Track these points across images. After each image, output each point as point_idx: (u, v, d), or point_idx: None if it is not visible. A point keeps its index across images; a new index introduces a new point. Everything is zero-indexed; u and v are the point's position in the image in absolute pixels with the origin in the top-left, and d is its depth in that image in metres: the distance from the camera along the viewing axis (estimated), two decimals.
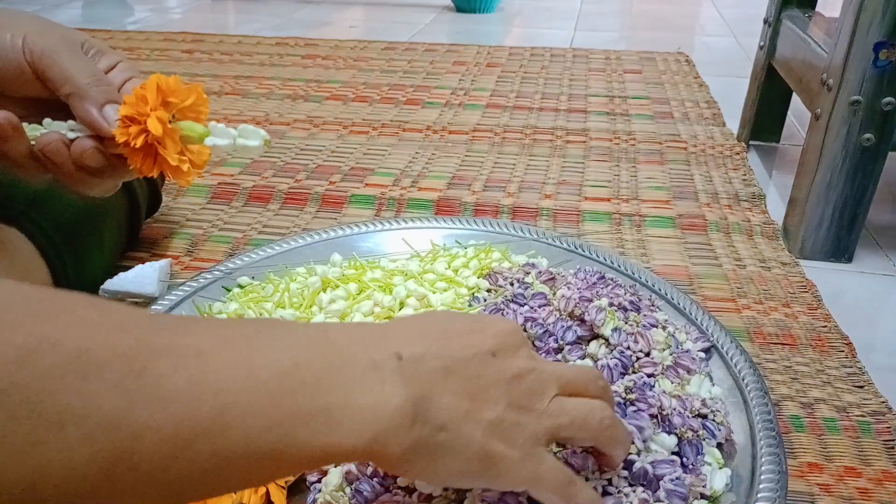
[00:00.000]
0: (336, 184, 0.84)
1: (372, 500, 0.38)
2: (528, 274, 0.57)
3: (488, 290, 0.56)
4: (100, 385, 0.21)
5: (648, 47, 1.50)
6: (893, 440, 0.48)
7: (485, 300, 0.55)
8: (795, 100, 0.92)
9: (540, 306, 0.52)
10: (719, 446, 0.43)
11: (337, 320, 0.53)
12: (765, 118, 1.01)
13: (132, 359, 0.22)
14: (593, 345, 0.49)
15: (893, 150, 0.68)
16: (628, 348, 0.48)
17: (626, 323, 0.50)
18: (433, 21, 1.76)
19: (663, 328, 0.51)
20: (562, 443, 0.39)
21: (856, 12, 0.64)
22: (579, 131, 1.03)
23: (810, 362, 0.56)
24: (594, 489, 0.37)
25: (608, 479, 0.38)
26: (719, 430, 0.43)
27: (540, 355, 0.45)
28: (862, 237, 0.72)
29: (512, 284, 0.55)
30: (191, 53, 1.39)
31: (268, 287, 0.58)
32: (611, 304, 0.51)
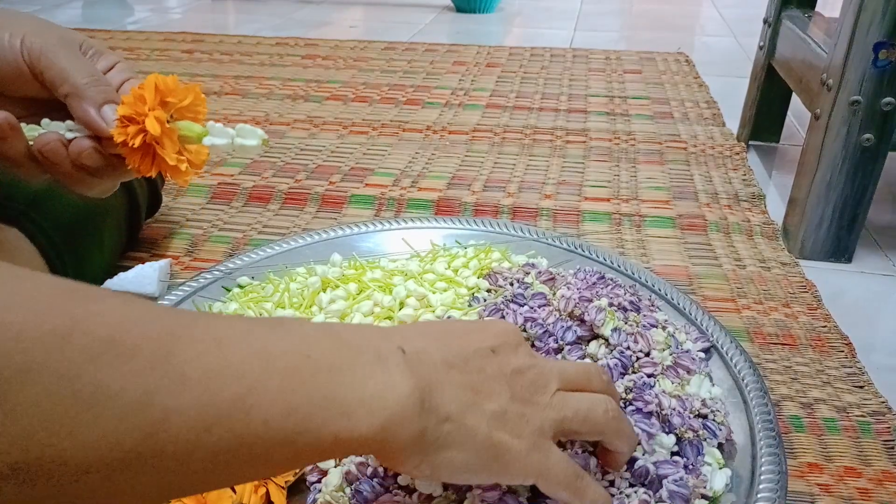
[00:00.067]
0: (336, 184, 0.84)
1: (372, 500, 0.38)
2: (528, 274, 0.56)
3: (488, 290, 0.56)
4: (129, 368, 0.22)
5: (648, 47, 1.50)
6: (893, 440, 0.48)
7: (485, 300, 0.55)
8: (795, 100, 0.92)
9: (540, 306, 0.52)
10: (719, 446, 0.43)
11: (337, 320, 0.53)
12: (765, 118, 1.01)
13: (158, 344, 0.23)
14: (593, 345, 0.49)
15: (893, 150, 0.68)
16: (628, 348, 0.48)
17: (626, 323, 0.50)
18: (433, 21, 1.76)
19: (663, 328, 0.51)
20: (563, 443, 0.39)
21: (856, 12, 0.64)
22: (579, 131, 1.03)
23: (810, 362, 0.56)
24: None
25: (610, 481, 0.38)
26: (720, 430, 0.43)
27: (540, 355, 0.45)
28: (862, 237, 0.72)
29: (512, 284, 0.55)
30: (191, 53, 1.39)
31: (268, 287, 0.58)
32: (611, 304, 0.51)
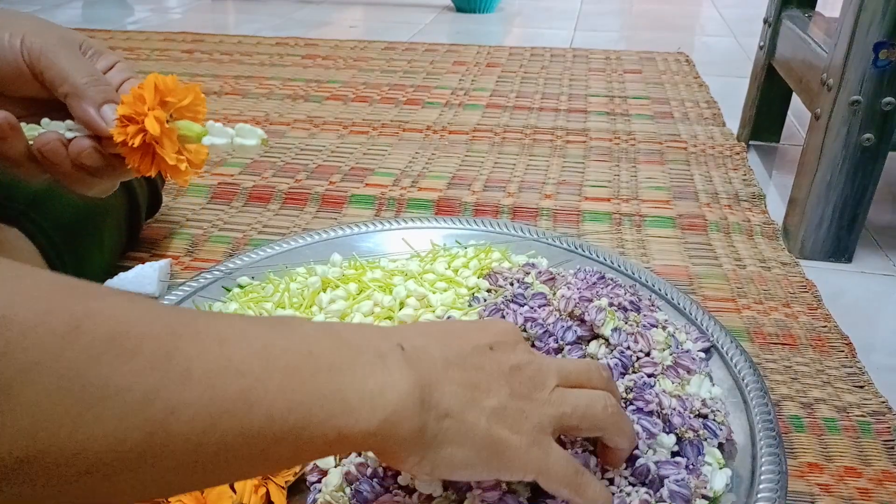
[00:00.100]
0: (336, 184, 0.84)
1: (372, 500, 0.38)
2: (528, 274, 0.56)
3: (488, 290, 0.56)
4: (134, 364, 0.23)
5: (648, 47, 1.50)
6: (893, 440, 0.48)
7: (485, 300, 0.55)
8: (795, 100, 0.92)
9: (540, 306, 0.52)
10: (720, 446, 0.43)
11: (337, 320, 0.53)
12: (765, 118, 1.01)
13: (160, 343, 0.24)
14: (593, 345, 0.49)
15: (893, 150, 0.68)
16: (628, 348, 0.48)
17: (626, 323, 0.50)
18: (433, 21, 1.76)
19: (663, 328, 0.51)
20: (564, 442, 0.39)
21: (856, 12, 0.64)
22: (579, 131, 1.03)
23: (810, 362, 0.56)
24: None
25: (609, 479, 0.38)
26: (720, 430, 0.43)
27: (539, 353, 0.45)
28: (862, 237, 0.72)
29: (512, 284, 0.55)
30: (191, 53, 1.39)
31: (268, 287, 0.58)
32: (611, 304, 0.51)
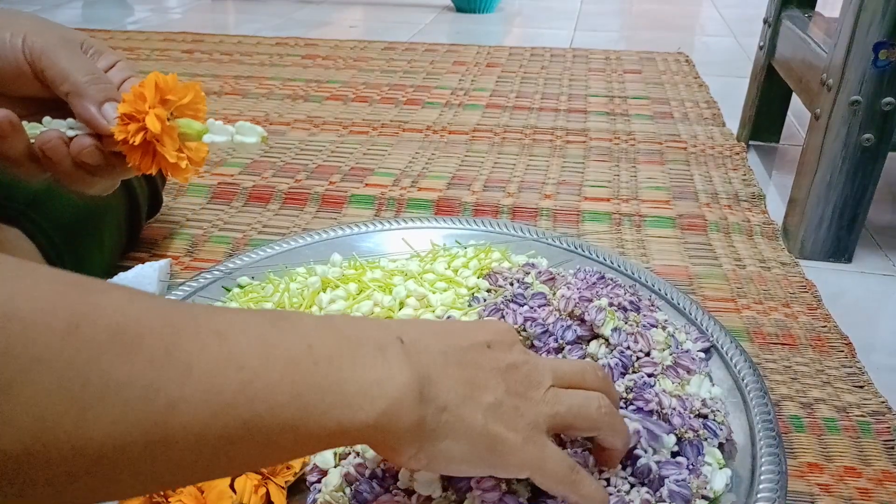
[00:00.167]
0: (336, 184, 0.84)
1: (371, 500, 0.38)
2: (527, 274, 0.56)
3: (488, 290, 0.56)
4: (135, 359, 0.23)
5: (648, 47, 1.50)
6: (893, 440, 0.48)
7: (485, 300, 0.55)
8: (795, 100, 0.92)
9: (540, 306, 0.52)
10: (720, 446, 0.43)
11: None
12: (765, 118, 1.01)
13: (162, 337, 0.24)
14: (593, 345, 0.49)
15: (893, 150, 0.68)
16: (628, 348, 0.48)
17: (626, 323, 0.50)
18: (433, 21, 1.76)
19: (663, 328, 0.51)
20: (563, 443, 0.39)
21: (856, 12, 0.64)
22: (579, 131, 1.03)
23: (810, 362, 0.56)
24: None
25: (606, 480, 0.38)
26: (720, 430, 0.43)
27: (540, 355, 0.45)
28: (862, 237, 0.72)
29: (512, 284, 0.55)
30: (191, 53, 1.39)
31: (268, 287, 0.58)
32: (611, 304, 0.51)
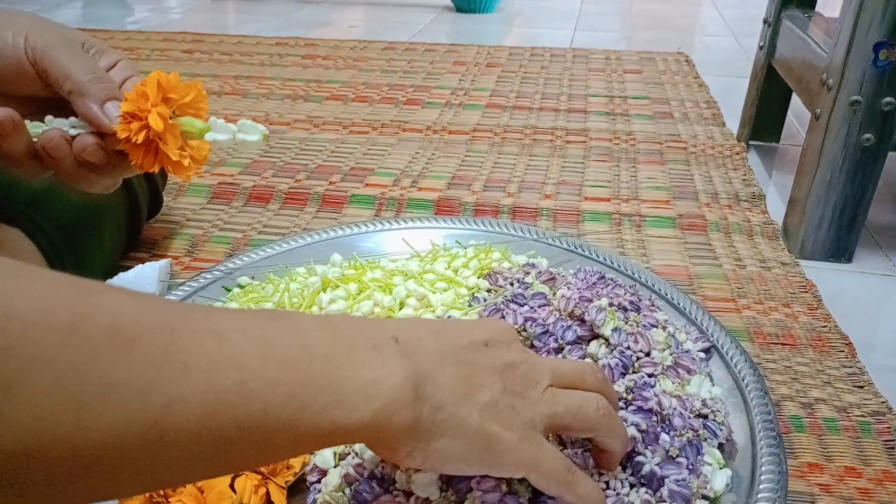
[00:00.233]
0: (336, 184, 0.84)
1: (371, 501, 0.38)
2: (528, 274, 0.56)
3: (488, 290, 0.56)
4: (132, 358, 0.23)
5: (648, 47, 1.50)
6: (893, 440, 0.48)
7: (485, 300, 0.55)
8: (795, 100, 0.92)
9: (540, 306, 0.52)
10: (720, 446, 0.43)
11: None
12: (765, 118, 1.01)
13: (159, 337, 0.24)
14: (593, 345, 0.49)
15: (893, 150, 0.68)
16: (628, 348, 0.48)
17: (626, 323, 0.50)
18: (433, 21, 1.76)
19: (663, 328, 0.51)
20: (563, 443, 0.39)
21: (856, 12, 0.64)
22: (579, 131, 1.03)
23: (810, 362, 0.56)
24: None
25: (605, 482, 0.38)
26: (720, 430, 0.43)
27: (540, 355, 0.45)
28: (862, 237, 0.72)
29: (512, 284, 0.55)
30: (191, 53, 1.39)
31: (268, 287, 0.58)
32: (611, 304, 0.51)
